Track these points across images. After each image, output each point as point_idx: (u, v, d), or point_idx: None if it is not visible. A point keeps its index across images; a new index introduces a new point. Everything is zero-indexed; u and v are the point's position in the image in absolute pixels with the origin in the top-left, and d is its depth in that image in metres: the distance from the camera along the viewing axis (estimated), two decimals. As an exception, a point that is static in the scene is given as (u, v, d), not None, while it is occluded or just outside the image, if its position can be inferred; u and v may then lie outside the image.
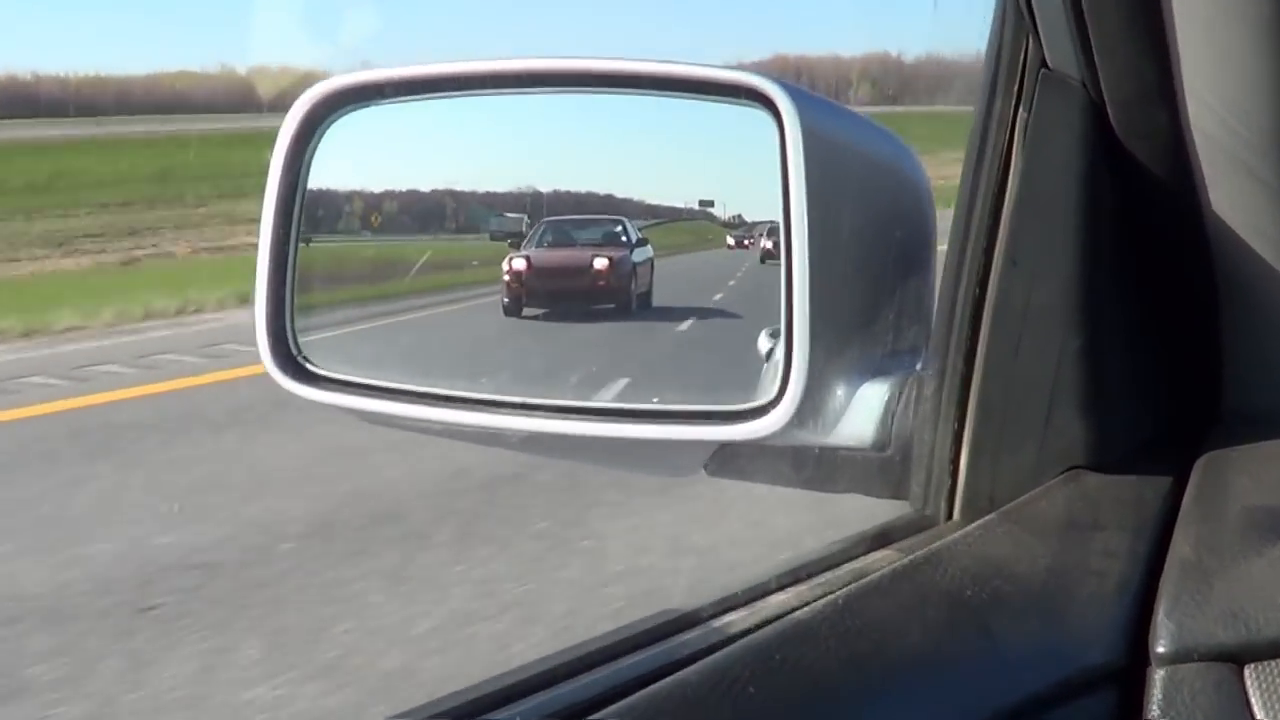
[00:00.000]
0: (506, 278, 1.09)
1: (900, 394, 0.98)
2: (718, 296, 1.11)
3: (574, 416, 0.97)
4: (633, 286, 1.14)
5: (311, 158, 1.00)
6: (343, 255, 1.11)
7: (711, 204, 1.05)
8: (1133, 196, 0.94)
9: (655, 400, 0.99)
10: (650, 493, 5.17)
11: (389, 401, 1.00)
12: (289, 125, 0.98)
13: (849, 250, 0.97)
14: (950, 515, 0.99)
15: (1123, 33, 0.80)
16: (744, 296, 1.10)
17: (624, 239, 1.12)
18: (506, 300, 1.10)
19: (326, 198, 1.06)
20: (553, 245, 1.11)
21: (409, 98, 1.03)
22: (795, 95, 0.94)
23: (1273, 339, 1.04)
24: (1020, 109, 0.90)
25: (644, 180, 1.08)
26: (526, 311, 1.12)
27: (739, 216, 1.05)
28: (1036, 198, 0.92)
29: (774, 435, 0.96)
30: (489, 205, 1.10)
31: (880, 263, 0.99)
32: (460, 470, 5.64)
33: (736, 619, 0.89)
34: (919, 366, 0.99)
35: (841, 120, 1.01)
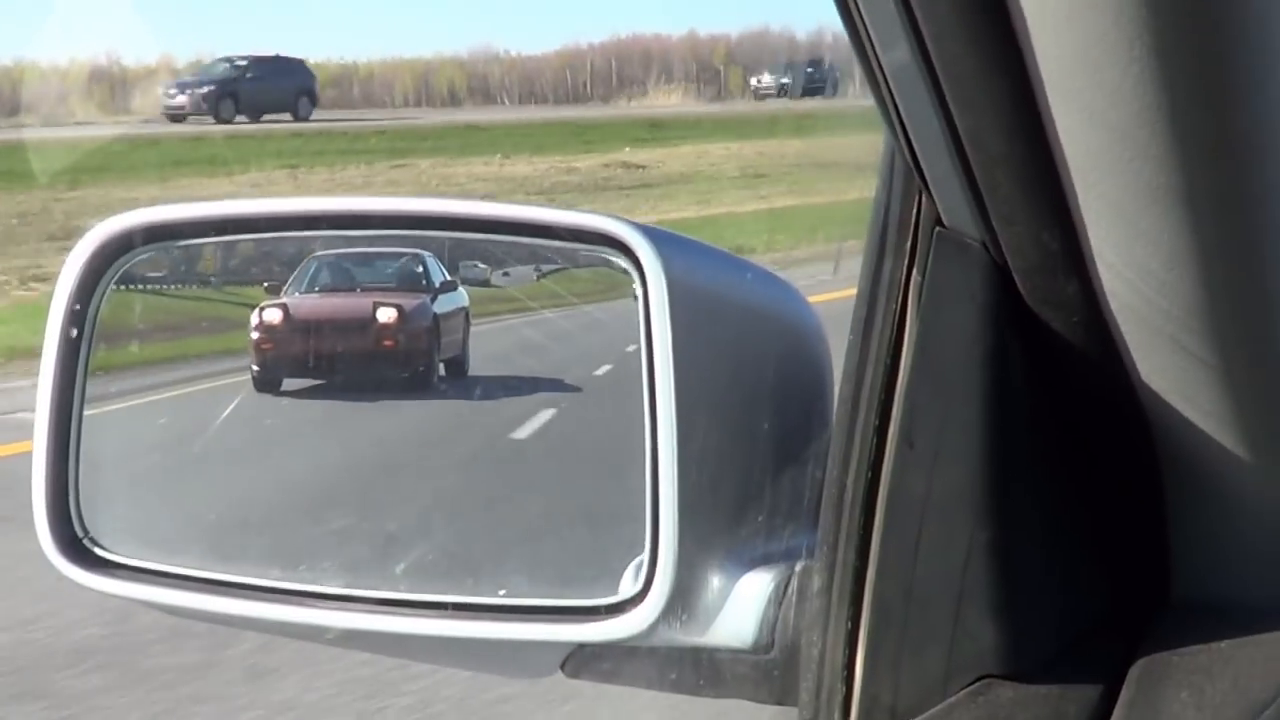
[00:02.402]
0: (255, 335, 0.85)
1: (785, 588, 0.86)
2: (604, 368, 0.90)
3: (403, 611, 0.84)
4: (434, 348, 0.87)
5: (99, 304, 0.87)
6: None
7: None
8: (1048, 369, 0.82)
9: (501, 593, 0.86)
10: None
11: (190, 593, 0.87)
12: (70, 270, 0.86)
13: (725, 420, 0.85)
14: (845, 728, 0.86)
15: (1019, 199, 0.69)
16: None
17: (424, 281, 0.86)
18: (256, 369, 0.85)
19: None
20: (325, 290, 0.85)
21: (216, 239, 0.90)
22: (659, 241, 0.82)
23: (1221, 519, 0.92)
24: (914, 271, 0.79)
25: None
26: (287, 384, 0.86)
27: None
28: (934, 371, 0.80)
29: (638, 636, 0.84)
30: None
31: (762, 435, 0.87)
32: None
33: None
34: (804, 557, 0.86)
35: (716, 268, 0.89)
